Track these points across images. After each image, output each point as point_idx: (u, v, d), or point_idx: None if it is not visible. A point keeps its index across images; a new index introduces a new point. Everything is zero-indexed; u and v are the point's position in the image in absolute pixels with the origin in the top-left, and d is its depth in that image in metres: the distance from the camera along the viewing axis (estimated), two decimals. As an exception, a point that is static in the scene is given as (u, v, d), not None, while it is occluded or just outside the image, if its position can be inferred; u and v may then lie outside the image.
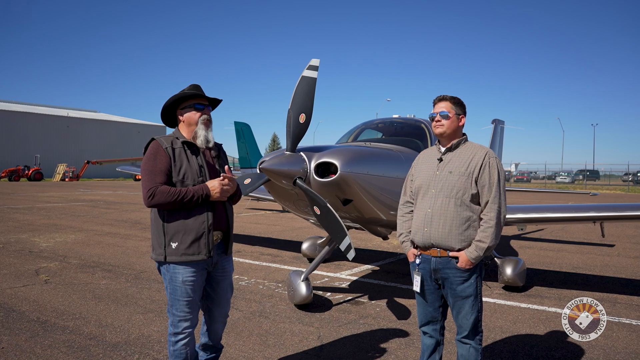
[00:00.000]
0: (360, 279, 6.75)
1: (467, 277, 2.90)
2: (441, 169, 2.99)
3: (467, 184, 2.89)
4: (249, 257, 8.14)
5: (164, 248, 2.93)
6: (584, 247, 9.96)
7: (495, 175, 2.89)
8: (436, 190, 2.95)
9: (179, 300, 2.95)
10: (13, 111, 56.46)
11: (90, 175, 51.57)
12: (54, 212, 15.46)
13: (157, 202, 2.85)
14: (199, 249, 2.92)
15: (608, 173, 59.89)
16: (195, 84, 3.09)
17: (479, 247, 2.85)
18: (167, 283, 3.01)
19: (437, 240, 2.92)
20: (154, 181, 2.87)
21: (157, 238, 2.96)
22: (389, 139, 6.30)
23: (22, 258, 7.80)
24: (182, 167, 2.94)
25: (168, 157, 2.93)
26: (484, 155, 2.94)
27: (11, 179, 42.78)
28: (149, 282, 6.29)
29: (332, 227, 4.20)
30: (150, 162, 2.92)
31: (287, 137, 4.38)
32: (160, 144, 2.96)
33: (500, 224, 2.87)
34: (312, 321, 4.85)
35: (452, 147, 3.03)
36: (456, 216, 2.88)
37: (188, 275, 2.93)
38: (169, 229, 2.92)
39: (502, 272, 6.13)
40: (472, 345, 2.96)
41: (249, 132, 22.39)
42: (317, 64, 4.33)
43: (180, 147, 2.99)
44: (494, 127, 12.42)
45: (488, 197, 2.87)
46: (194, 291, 2.97)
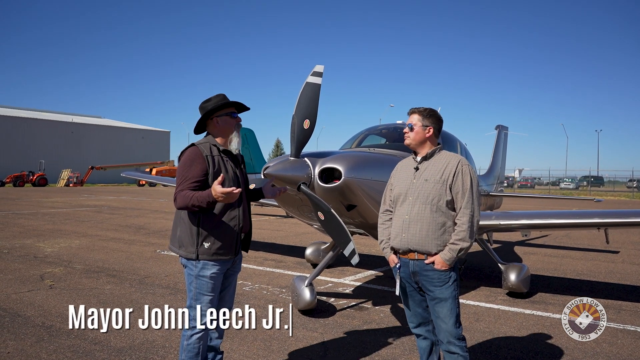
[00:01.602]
0: (364, 285, 6.75)
1: (444, 279, 3.04)
2: (417, 177, 3.15)
3: (442, 191, 3.05)
4: (252, 263, 8.15)
5: (197, 247, 3.07)
6: (589, 254, 9.93)
7: (468, 182, 3.05)
8: (413, 198, 3.10)
9: (205, 295, 3.10)
10: (18, 117, 56.82)
11: (95, 180, 51.70)
12: (59, 218, 15.52)
13: (179, 205, 3.01)
14: (229, 249, 3.13)
15: (612, 179, 59.57)
16: (221, 94, 3.22)
17: (453, 249, 2.99)
18: (192, 278, 3.12)
19: (415, 245, 3.07)
20: (182, 185, 3.01)
21: (189, 237, 3.09)
22: (392, 145, 6.30)
23: (27, 263, 7.83)
24: (221, 175, 3.04)
25: (206, 165, 3.06)
26: (456, 163, 3.10)
27: (16, 185, 42.94)
28: (153, 287, 6.31)
29: (336, 233, 4.21)
30: (186, 168, 3.06)
31: (292, 143, 4.40)
32: (200, 151, 3.08)
33: (473, 227, 3.03)
34: (316, 327, 4.85)
35: (427, 156, 3.20)
36: (432, 222, 3.04)
37: (215, 271, 3.11)
38: (203, 230, 3.07)
39: (506, 278, 6.12)
40: (460, 353, 3.05)
41: (252, 137, 22.43)
42: (321, 70, 4.35)
43: (218, 154, 3.13)
44: (498, 133, 12.41)
45: (461, 202, 3.03)
46: (216, 287, 3.15)
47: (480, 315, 5.37)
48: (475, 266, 8.07)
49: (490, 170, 11.35)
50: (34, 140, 55.78)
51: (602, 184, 58.70)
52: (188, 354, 3.07)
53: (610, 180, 59.52)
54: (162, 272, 7.30)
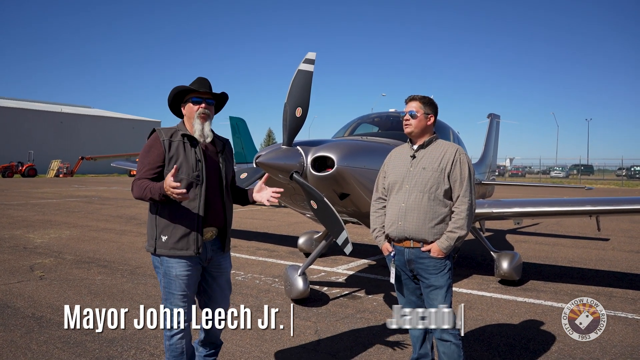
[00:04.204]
0: (357, 274, 6.75)
1: (440, 267, 3.03)
2: (414, 165, 3.12)
3: (439, 179, 3.04)
4: (245, 252, 8.13)
5: (155, 240, 2.91)
6: (580, 241, 10.00)
7: (466, 171, 3.05)
8: (410, 186, 3.08)
9: (174, 294, 2.92)
10: (6, 107, 56.02)
11: (85, 171, 51.24)
12: (49, 208, 15.37)
13: (135, 196, 2.85)
14: (187, 244, 2.88)
15: (602, 168, 60.09)
16: (201, 78, 3.04)
17: (450, 237, 3.00)
18: (160, 276, 2.98)
19: (411, 233, 3.05)
20: (140, 173, 2.88)
21: (150, 229, 2.95)
22: (385, 133, 6.28)
23: (16, 254, 7.75)
24: (178, 160, 2.88)
25: (162, 150, 2.89)
26: (454, 152, 3.10)
27: (5, 175, 42.47)
28: (144, 278, 6.26)
29: (329, 222, 4.19)
30: (144, 154, 2.92)
31: (284, 131, 4.36)
32: (158, 135, 2.94)
33: (470, 216, 3.04)
34: (309, 316, 4.84)
35: (424, 145, 3.16)
36: (429, 210, 3.03)
37: (182, 270, 2.90)
38: (160, 221, 2.90)
39: (498, 267, 6.14)
40: (452, 341, 3.05)
41: (244, 127, 22.35)
42: (313, 57, 4.29)
43: (180, 139, 2.94)
44: (490, 121, 12.41)
45: (459, 191, 3.03)
46: (188, 286, 2.94)
47: (473, 303, 5.39)
48: (467, 254, 8.11)
49: (482, 159, 11.36)
50: (22, 130, 55.06)
51: (592, 173, 59.13)
52: (172, 353, 2.95)
53: (600, 168, 60.05)
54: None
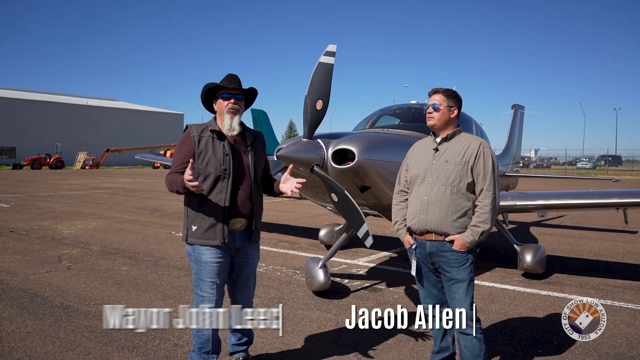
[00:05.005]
0: (378, 266, 6.74)
1: (462, 260, 3.01)
2: (437, 158, 3.10)
3: (463, 173, 3.01)
4: (266, 244, 8.19)
5: (187, 229, 3.12)
6: (606, 234, 9.79)
7: (490, 165, 3.02)
8: (432, 179, 3.06)
9: (204, 281, 3.06)
10: (34, 100, 57.36)
11: (110, 163, 52.17)
12: (75, 200, 15.72)
13: (168, 189, 3.06)
14: (214, 234, 3.05)
15: (631, 158, 58.58)
16: (231, 74, 3.18)
17: (475, 231, 2.97)
18: (192, 263, 3.14)
19: (433, 226, 3.03)
20: (172, 167, 3.07)
21: (184, 219, 3.17)
22: (406, 125, 6.23)
23: (45, 245, 7.95)
24: (207, 155, 3.05)
25: (192, 145, 3.06)
26: (478, 145, 3.06)
27: (33, 167, 43.55)
28: (168, 269, 6.37)
29: (350, 214, 4.18)
30: (177, 149, 3.13)
31: (304, 124, 4.36)
32: (190, 132, 3.11)
33: (495, 210, 3.01)
34: (330, 308, 4.86)
35: (448, 138, 3.13)
36: (452, 203, 3.00)
37: (212, 257, 3.06)
38: (190, 212, 3.12)
39: (522, 259, 6.06)
40: (474, 335, 3.02)
41: (265, 119, 22.43)
42: (334, 50, 4.27)
43: (209, 135, 3.10)
44: (514, 112, 12.19)
45: (483, 185, 3.00)
46: (218, 274, 3.08)
47: (496, 296, 5.34)
48: (490, 247, 8.01)
49: (505, 151, 11.19)
50: (50, 123, 56.29)
51: (620, 164, 57.74)
52: (199, 339, 3.09)
53: (629, 159, 58.55)
54: (176, 253, 7.36)
